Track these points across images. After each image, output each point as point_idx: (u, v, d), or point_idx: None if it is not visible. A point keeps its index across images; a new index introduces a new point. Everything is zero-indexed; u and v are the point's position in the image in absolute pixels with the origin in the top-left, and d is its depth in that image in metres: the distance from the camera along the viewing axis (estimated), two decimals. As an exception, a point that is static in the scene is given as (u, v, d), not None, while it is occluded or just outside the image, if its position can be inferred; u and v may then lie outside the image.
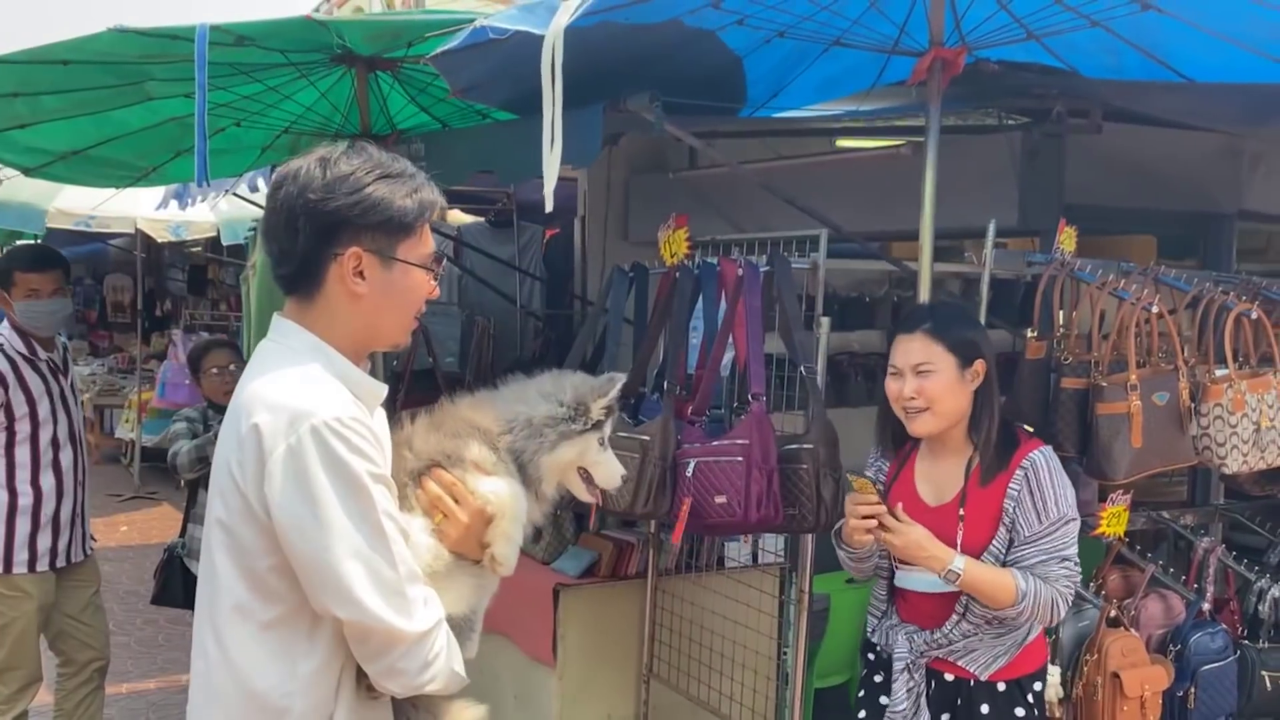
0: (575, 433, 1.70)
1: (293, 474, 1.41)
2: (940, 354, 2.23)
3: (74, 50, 2.72)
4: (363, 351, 1.59)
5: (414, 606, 1.47)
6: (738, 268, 2.72)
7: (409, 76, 3.73)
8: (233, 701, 1.50)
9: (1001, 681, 2.28)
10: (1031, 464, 2.23)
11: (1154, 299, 2.72)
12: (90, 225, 8.10)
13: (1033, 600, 2.16)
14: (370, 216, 1.49)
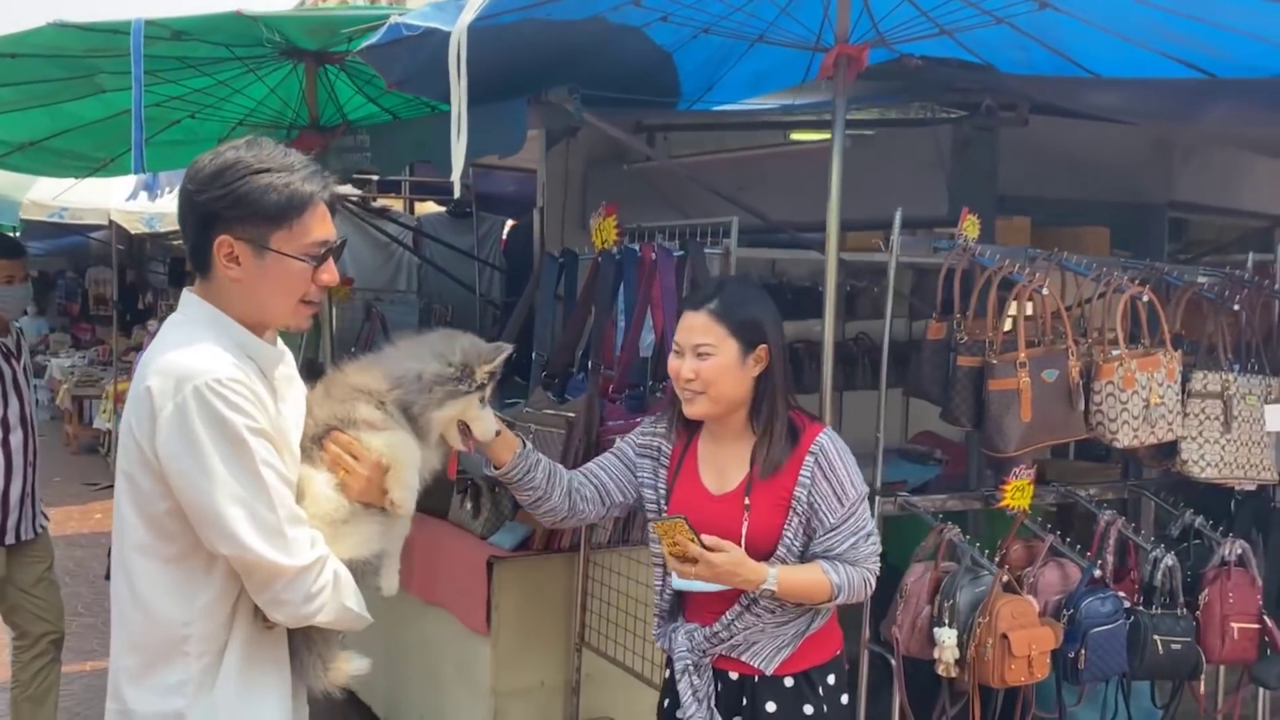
0: (460, 393, 1.86)
1: (178, 429, 1.56)
2: (722, 336, 2.08)
3: (17, 44, 2.85)
4: (259, 326, 1.73)
5: (294, 545, 1.62)
6: (652, 253, 2.87)
7: (355, 69, 3.86)
8: (140, 630, 1.67)
9: (789, 676, 2.16)
10: (820, 448, 2.12)
11: (1044, 282, 2.87)
12: (64, 216, 8.21)
13: (847, 592, 2.10)
14: (238, 209, 1.63)
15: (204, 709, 1.66)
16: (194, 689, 1.66)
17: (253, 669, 1.70)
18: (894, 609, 2.95)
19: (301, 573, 1.63)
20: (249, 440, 1.59)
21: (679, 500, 2.20)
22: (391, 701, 4.02)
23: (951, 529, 2.95)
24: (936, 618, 2.83)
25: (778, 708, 2.14)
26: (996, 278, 2.88)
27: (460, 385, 1.85)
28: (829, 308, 2.83)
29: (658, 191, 5.26)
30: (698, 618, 2.20)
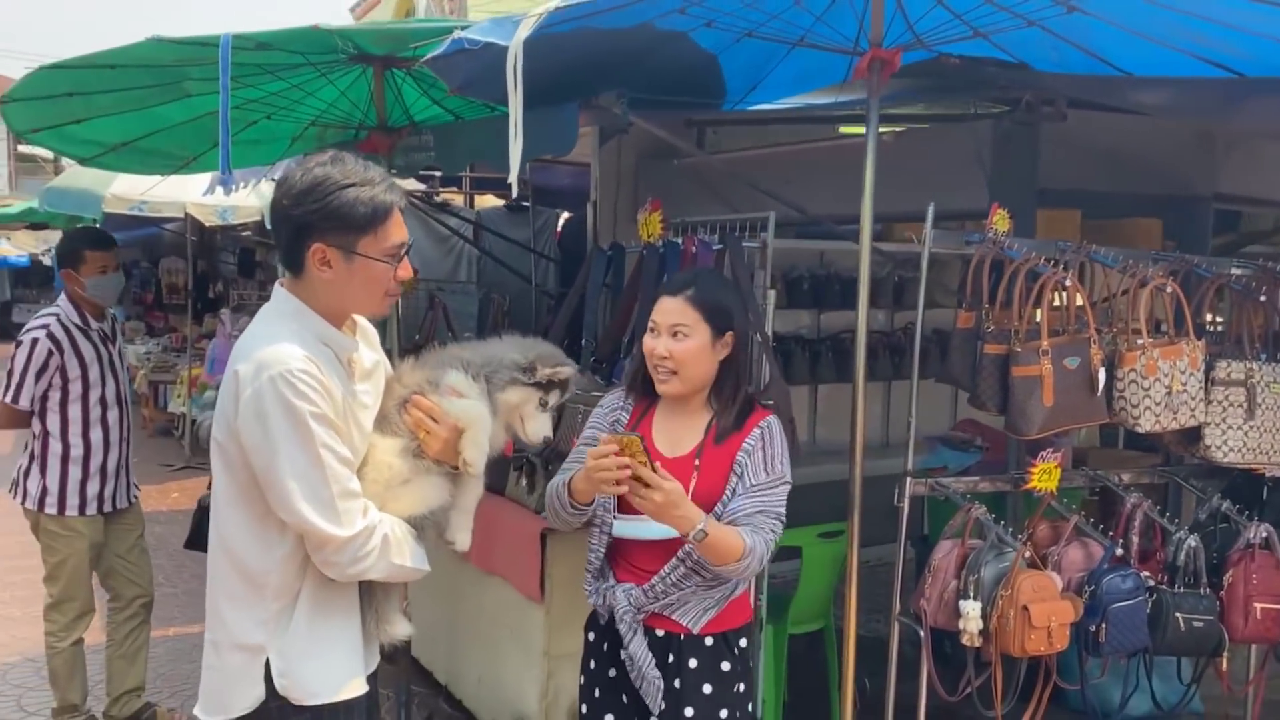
0: (521, 383, 2.12)
1: (254, 411, 1.83)
2: (696, 320, 2.28)
3: (119, 56, 3.13)
4: (342, 317, 2.00)
5: (344, 516, 1.88)
6: (694, 246, 3.06)
7: (421, 72, 4.09)
8: (228, 576, 1.97)
9: (710, 636, 2.33)
10: (767, 426, 2.33)
11: (1068, 274, 3.01)
12: (143, 210, 8.61)
13: (753, 556, 2.21)
14: (330, 221, 1.88)
15: (279, 645, 1.94)
16: (272, 627, 1.94)
17: (323, 614, 1.97)
18: (922, 583, 3.12)
19: (349, 541, 1.88)
20: (311, 425, 1.84)
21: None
22: (451, 665, 4.28)
23: (978, 508, 3.11)
24: (962, 591, 3.00)
25: (699, 664, 2.31)
26: (1023, 270, 3.02)
27: (522, 376, 2.11)
28: (862, 299, 3.00)
29: (706, 185, 5.45)
30: (630, 577, 2.36)
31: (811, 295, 5.74)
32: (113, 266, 3.88)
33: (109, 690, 4.12)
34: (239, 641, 1.96)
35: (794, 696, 4.11)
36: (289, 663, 1.93)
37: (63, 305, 3.83)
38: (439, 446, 2.01)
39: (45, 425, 3.80)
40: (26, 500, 3.84)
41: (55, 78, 3.32)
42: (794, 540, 3.88)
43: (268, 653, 1.94)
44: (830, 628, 4.18)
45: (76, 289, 3.83)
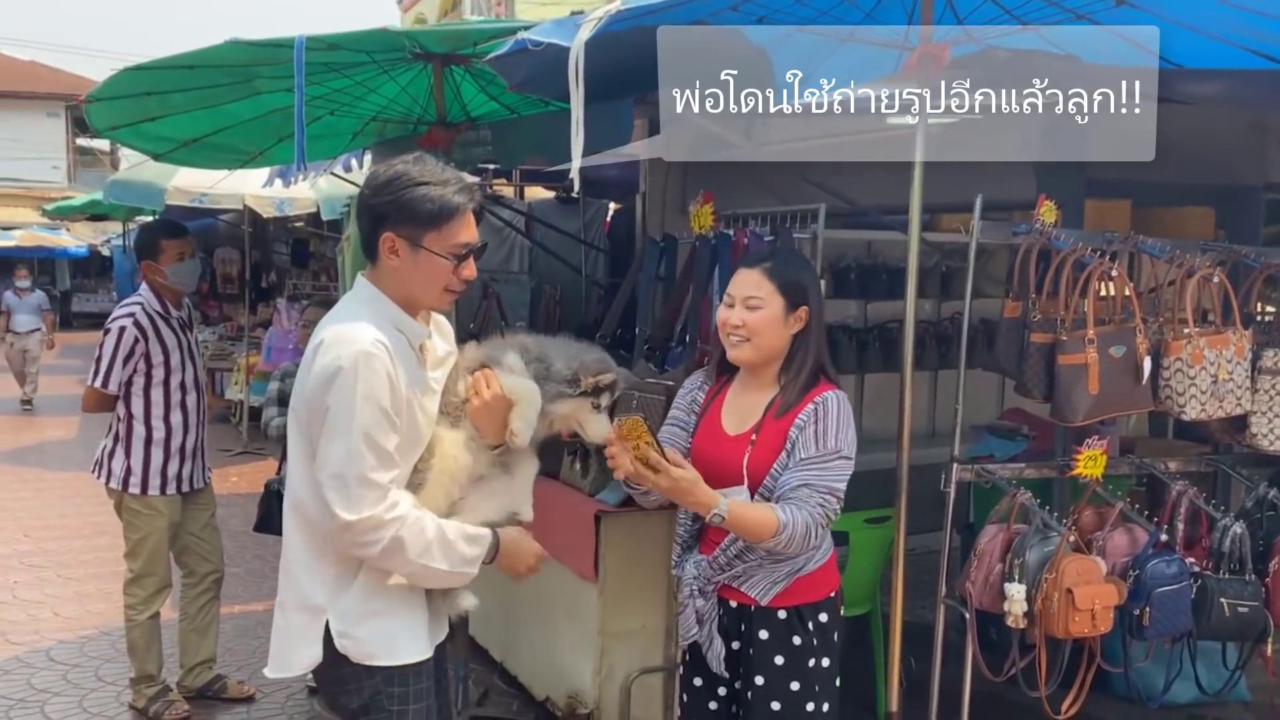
0: (567, 395, 2.19)
1: (325, 377, 1.96)
2: (770, 292, 2.31)
3: (199, 58, 3.30)
4: (411, 306, 2.12)
5: (352, 500, 1.96)
6: (745, 238, 3.15)
7: (479, 69, 4.23)
8: (298, 536, 2.10)
9: (782, 609, 2.35)
10: (823, 401, 2.32)
11: (1114, 264, 3.06)
12: (203, 201, 8.88)
13: (790, 531, 2.20)
14: (400, 213, 2.01)
15: (339, 607, 2.06)
16: (333, 588, 2.07)
17: (380, 580, 2.08)
18: (968, 566, 3.20)
19: (348, 526, 1.98)
20: (361, 406, 1.96)
21: (700, 438, 2.44)
22: (507, 643, 4.42)
23: (1024, 493, 3.17)
24: (1007, 574, 3.07)
25: (769, 636, 2.35)
26: (1070, 260, 3.08)
27: (568, 389, 2.18)
28: (910, 289, 3.07)
29: (754, 177, 5.51)
30: (707, 549, 2.43)
31: (859, 285, 5.76)
32: (189, 253, 4.02)
33: (182, 662, 4.32)
34: (303, 602, 2.08)
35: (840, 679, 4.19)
36: (347, 624, 2.06)
37: (145, 294, 3.98)
38: (485, 416, 2.11)
39: (130, 409, 3.96)
40: (111, 480, 4.02)
41: (136, 78, 3.49)
42: (840, 525, 3.91)
43: (327, 614, 2.06)
44: (876, 612, 4.25)
45: (157, 278, 3.96)
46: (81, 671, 4.58)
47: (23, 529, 6.97)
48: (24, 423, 10.92)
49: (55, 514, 7.35)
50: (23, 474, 8.63)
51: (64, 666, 4.62)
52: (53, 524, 7.09)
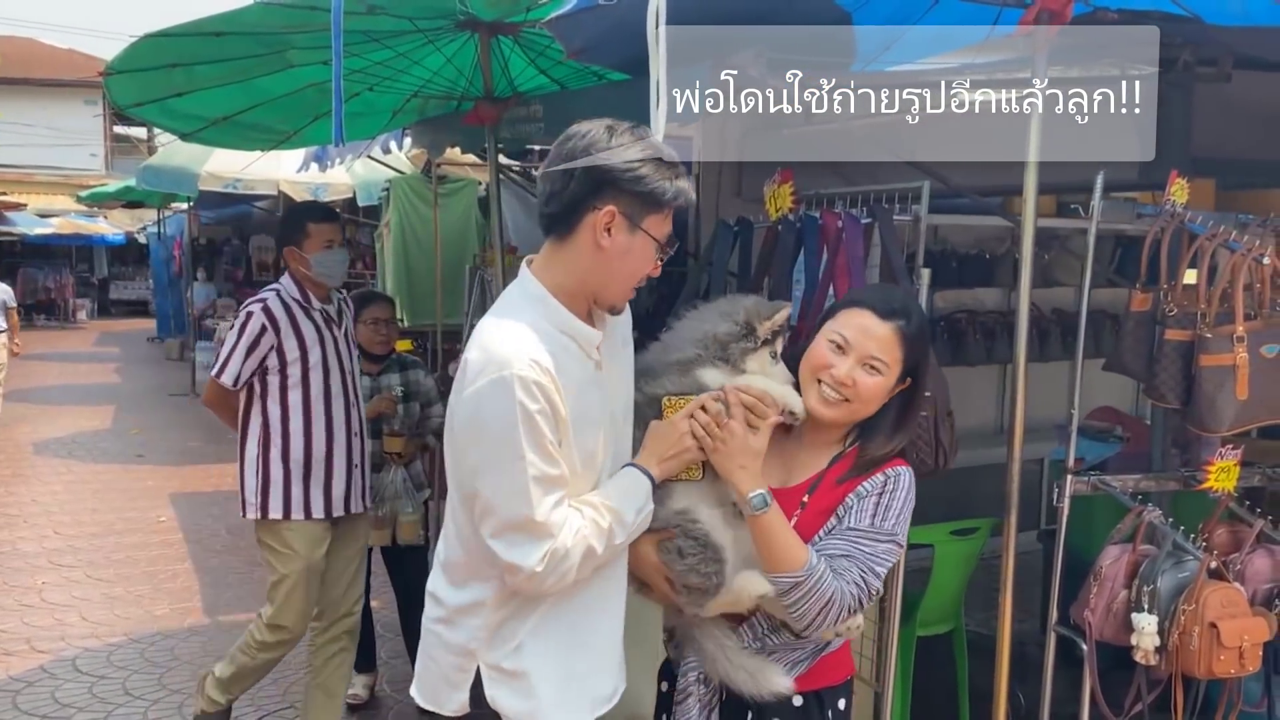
0: (752, 350, 1.92)
1: (473, 406, 1.73)
2: (897, 359, 1.90)
3: (226, 23, 2.98)
4: (588, 300, 1.84)
5: (536, 548, 1.74)
6: (838, 220, 2.80)
7: (529, 40, 3.89)
8: (458, 547, 1.89)
9: (799, 694, 1.95)
10: (895, 475, 1.92)
11: (1266, 249, 2.67)
12: (237, 187, 8.62)
13: (815, 581, 1.80)
14: (635, 185, 1.74)
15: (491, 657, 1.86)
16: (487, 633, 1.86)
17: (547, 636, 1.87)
18: (1086, 591, 2.83)
19: (534, 577, 1.75)
20: (524, 442, 1.70)
21: None
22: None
23: (1152, 511, 2.81)
24: (1135, 602, 2.71)
25: None
26: (1211, 245, 2.70)
27: (749, 343, 1.91)
28: (1024, 277, 2.71)
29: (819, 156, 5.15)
30: (732, 621, 1.98)
31: (924, 273, 5.43)
32: (338, 240, 3.49)
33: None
34: (458, 602, 1.91)
35: (920, 701, 3.86)
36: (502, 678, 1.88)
37: (284, 282, 3.45)
38: (737, 444, 1.84)
39: (265, 415, 3.37)
40: (246, 510, 3.41)
41: (159, 47, 3.18)
42: (925, 538, 3.64)
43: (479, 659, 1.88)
44: (960, 629, 3.93)
45: (300, 268, 3.42)
46: (108, 684, 4.33)
47: (53, 524, 6.78)
48: (56, 412, 10.78)
49: (86, 509, 7.16)
50: (54, 465, 8.48)
51: (90, 679, 4.38)
52: (83, 519, 6.89)
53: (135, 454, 8.84)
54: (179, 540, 6.43)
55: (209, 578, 5.70)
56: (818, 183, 3.84)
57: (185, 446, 9.14)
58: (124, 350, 17.12)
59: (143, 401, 11.77)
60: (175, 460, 8.61)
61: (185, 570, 5.85)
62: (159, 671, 4.45)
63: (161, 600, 5.34)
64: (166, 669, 4.48)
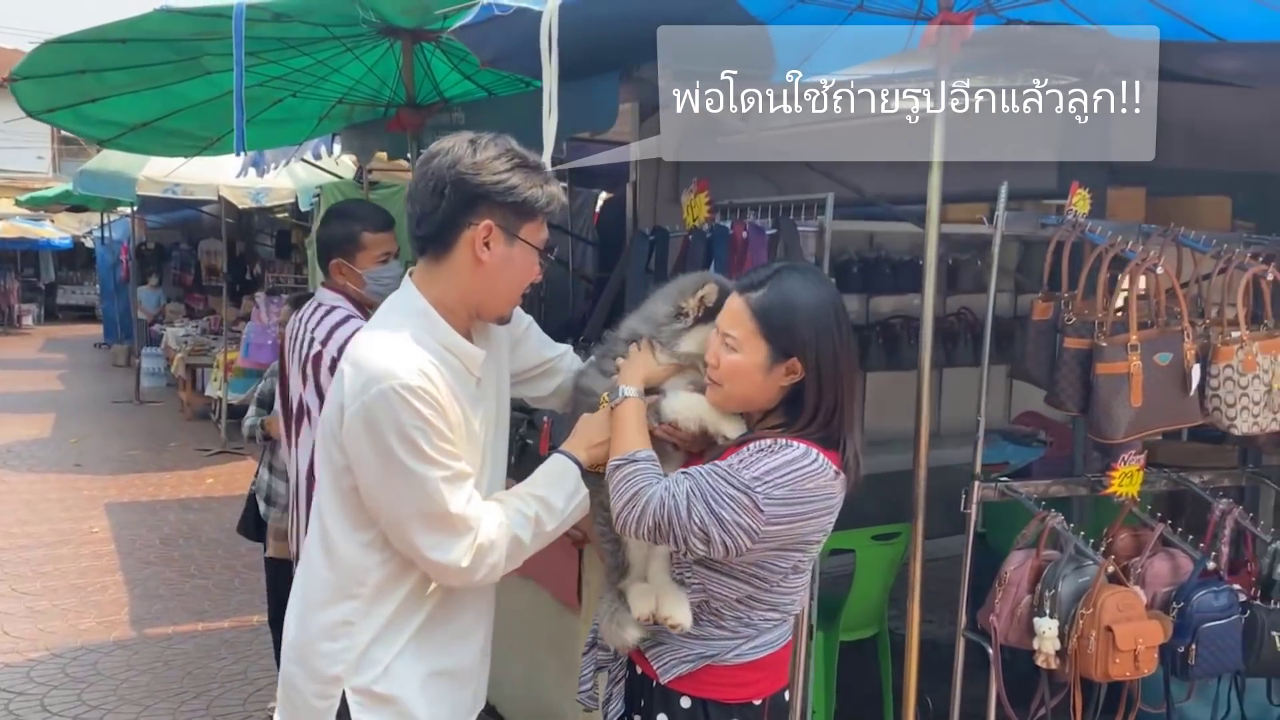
0: (685, 331, 1.92)
1: (362, 427, 1.69)
2: (750, 332, 1.80)
3: (129, 29, 2.93)
4: (472, 316, 1.83)
5: (460, 543, 1.73)
6: (744, 231, 2.82)
7: (451, 47, 3.88)
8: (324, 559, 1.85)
9: (686, 696, 1.89)
10: (786, 445, 1.78)
11: (1159, 259, 2.73)
12: (177, 192, 8.51)
13: (631, 471, 1.78)
14: (507, 197, 1.73)
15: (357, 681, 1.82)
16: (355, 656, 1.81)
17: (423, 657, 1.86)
18: (992, 596, 2.87)
19: (463, 573, 1.75)
20: (424, 446, 1.68)
21: None
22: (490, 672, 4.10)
23: (1054, 516, 2.85)
24: (1037, 607, 2.75)
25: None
26: (1108, 255, 2.75)
27: (677, 322, 1.91)
28: (929, 283, 2.75)
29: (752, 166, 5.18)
30: None
31: (861, 279, 5.50)
32: (395, 252, 2.95)
33: None
34: (314, 668, 1.86)
35: (845, 705, 3.89)
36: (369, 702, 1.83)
37: (326, 295, 2.89)
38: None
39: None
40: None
41: (64, 53, 3.13)
42: (848, 542, 3.66)
43: (345, 685, 1.83)
44: (885, 634, 3.95)
45: (350, 283, 2.88)
46: (25, 701, 4.24)
47: (-20, 537, 6.64)
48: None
49: (16, 520, 7.01)
50: (-12, 476, 8.30)
51: (6, 695, 4.29)
52: (13, 531, 6.75)
53: (73, 463, 8.67)
54: (111, 552, 6.32)
55: (139, 590, 5.60)
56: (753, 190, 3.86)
57: (125, 455, 8.99)
58: (69, 356, 16.82)
59: (85, 409, 11.56)
60: (114, 469, 8.46)
61: (115, 582, 5.74)
62: (80, 687, 4.37)
63: (88, 613, 5.25)
64: (87, 684, 4.40)
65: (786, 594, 1.89)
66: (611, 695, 2.02)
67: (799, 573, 1.88)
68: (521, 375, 2.10)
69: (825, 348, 1.80)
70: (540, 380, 2.15)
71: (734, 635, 1.87)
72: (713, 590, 1.84)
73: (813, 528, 1.81)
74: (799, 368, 1.81)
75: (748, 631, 1.87)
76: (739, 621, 1.87)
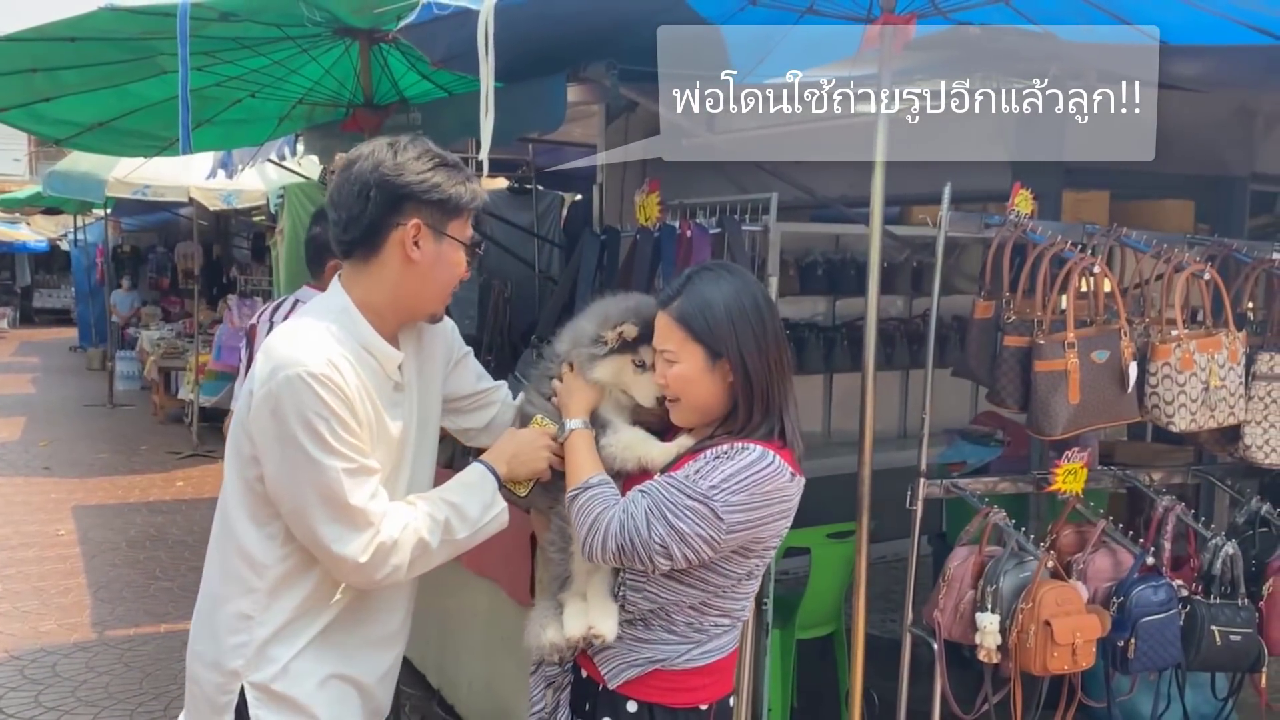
0: (599, 357, 1.92)
1: (267, 413, 1.70)
2: (682, 340, 1.83)
3: (74, 28, 2.93)
4: (402, 317, 1.85)
5: (359, 537, 1.73)
6: (688, 230, 2.84)
7: (409, 47, 3.88)
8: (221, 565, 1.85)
9: (633, 701, 1.88)
10: (743, 448, 1.79)
11: (1096, 260, 2.76)
12: (146, 194, 8.47)
13: (588, 498, 1.80)
14: (432, 194, 1.76)
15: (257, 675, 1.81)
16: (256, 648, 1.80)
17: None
18: (936, 592, 2.90)
19: (359, 569, 1.75)
20: (325, 434, 1.69)
21: None
22: (443, 669, 4.10)
23: (997, 512, 2.88)
24: (979, 603, 2.78)
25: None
26: (1047, 255, 2.78)
27: (596, 349, 1.91)
28: (872, 287, 2.76)
29: (716, 167, 5.21)
30: None
31: (826, 281, 5.55)
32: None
33: None
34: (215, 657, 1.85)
35: (804, 703, 3.92)
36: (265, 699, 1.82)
37: (307, 296, 3.03)
38: None
39: None
40: None
41: (10, 51, 3.13)
42: (802, 540, 3.68)
43: (243, 679, 1.82)
44: (841, 631, 3.98)
45: None
46: (-20, 703, 4.22)
47: (-57, 540, 6.59)
48: (-34, 424, 10.48)
49: (-19, 523, 6.97)
50: (-45, 479, 8.23)
51: (-38, 698, 4.27)
52: (-24, 535, 6.71)
53: (42, 466, 8.61)
54: (75, 554, 6.28)
55: (102, 593, 5.58)
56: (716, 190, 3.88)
57: (94, 458, 8.93)
58: (44, 359, 16.69)
59: (56, 412, 11.49)
60: (82, 472, 8.41)
61: (78, 585, 5.71)
62: (37, 689, 4.35)
63: (49, 616, 5.22)
64: (45, 686, 4.38)
65: (738, 599, 1.90)
66: (558, 703, 2.00)
67: (752, 578, 1.90)
68: (454, 403, 2.10)
69: (745, 335, 1.82)
70: (474, 413, 2.14)
71: (684, 640, 1.87)
72: (666, 597, 1.85)
73: (770, 532, 1.83)
74: (728, 368, 1.83)
75: (698, 637, 1.88)
76: (690, 627, 1.87)
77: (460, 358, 2.10)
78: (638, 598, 1.85)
